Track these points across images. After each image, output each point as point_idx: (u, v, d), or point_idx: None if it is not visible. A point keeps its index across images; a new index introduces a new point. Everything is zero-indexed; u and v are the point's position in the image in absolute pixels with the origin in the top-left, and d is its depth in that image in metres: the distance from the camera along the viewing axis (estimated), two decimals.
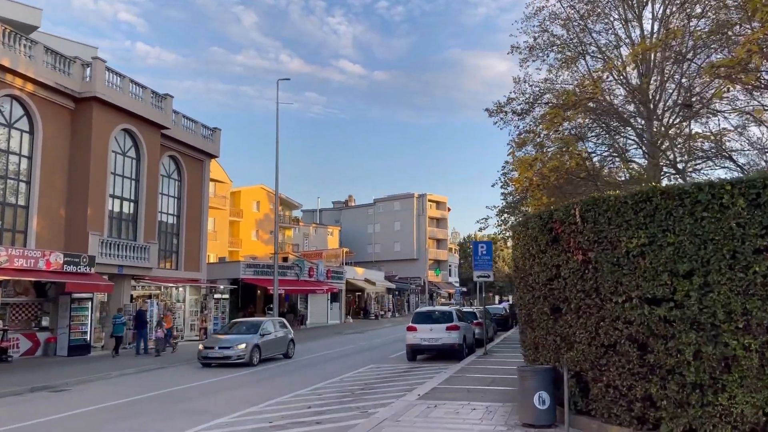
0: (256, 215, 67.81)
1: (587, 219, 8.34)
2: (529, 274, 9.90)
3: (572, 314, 8.64)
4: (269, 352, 21.66)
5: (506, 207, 29.81)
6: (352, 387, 15.24)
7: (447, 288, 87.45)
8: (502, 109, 26.38)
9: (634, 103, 23.29)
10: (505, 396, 12.11)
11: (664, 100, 21.53)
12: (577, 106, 20.22)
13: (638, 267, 7.61)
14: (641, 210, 7.63)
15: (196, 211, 33.68)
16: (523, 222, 10.18)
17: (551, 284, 9.15)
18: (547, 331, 9.32)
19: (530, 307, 9.95)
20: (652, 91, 21.44)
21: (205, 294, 33.00)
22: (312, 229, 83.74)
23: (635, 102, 22.87)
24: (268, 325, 22.33)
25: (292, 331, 24.16)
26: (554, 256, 9.03)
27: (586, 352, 8.38)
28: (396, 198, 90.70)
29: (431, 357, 21.77)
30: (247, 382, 16.68)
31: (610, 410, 8.12)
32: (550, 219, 9.17)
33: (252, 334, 21.16)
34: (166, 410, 12.67)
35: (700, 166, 20.78)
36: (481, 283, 21.77)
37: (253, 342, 20.59)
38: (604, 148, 24.37)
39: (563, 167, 20.27)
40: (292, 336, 23.74)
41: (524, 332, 10.45)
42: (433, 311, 22.10)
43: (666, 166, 20.98)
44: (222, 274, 39.92)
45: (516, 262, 10.78)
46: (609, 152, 24.14)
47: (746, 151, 19.50)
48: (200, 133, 33.74)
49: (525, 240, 10.01)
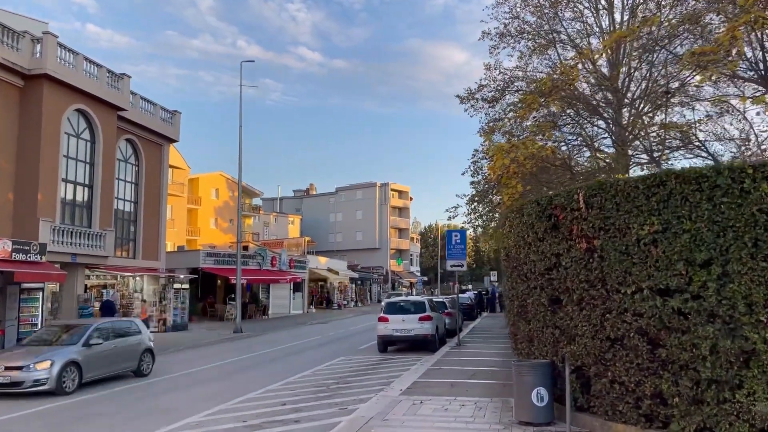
0: (215, 203, 66.15)
1: (592, 205, 7.84)
2: (523, 263, 9.38)
3: (574, 306, 8.14)
4: (100, 371, 14.71)
5: (476, 195, 29.44)
6: (326, 381, 14.56)
7: (409, 277, 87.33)
8: (473, 96, 25.97)
9: (602, 92, 23.18)
10: (490, 390, 11.63)
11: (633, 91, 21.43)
12: (554, 92, 19.91)
13: (650, 256, 7.14)
14: (654, 195, 7.14)
15: (154, 198, 32.28)
16: (517, 208, 9.64)
17: (550, 274, 8.64)
18: (544, 323, 8.82)
19: (524, 298, 9.44)
20: (621, 80, 21.31)
21: (164, 284, 31.70)
22: (272, 217, 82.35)
23: (604, 91, 22.75)
24: (105, 327, 15.56)
25: (151, 336, 17.27)
26: (554, 245, 8.51)
27: (589, 346, 7.90)
28: (358, 187, 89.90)
29: (402, 348, 21.25)
30: (222, 377, 15.83)
31: (615, 407, 7.67)
32: (549, 205, 8.64)
33: (69, 346, 14.25)
34: (130, 409, 11.75)
35: (673, 155, 20.73)
36: (455, 272, 21.30)
37: (66, 358, 13.65)
38: (573, 137, 24.21)
39: (539, 154, 19.90)
40: (151, 344, 16.87)
41: (517, 324, 9.94)
42: (406, 301, 21.56)
43: (641, 154, 20.86)
44: (181, 263, 38.57)
45: (508, 250, 10.25)
46: (579, 142, 23.98)
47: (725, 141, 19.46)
48: (159, 116, 32.28)
49: (520, 227, 9.47)
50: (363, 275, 70.27)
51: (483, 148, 30.67)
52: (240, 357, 20.43)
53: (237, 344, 25.35)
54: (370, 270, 74.80)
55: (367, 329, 31.60)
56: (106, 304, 24.09)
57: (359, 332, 30.31)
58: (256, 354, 21.27)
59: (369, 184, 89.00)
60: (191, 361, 19.63)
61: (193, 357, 20.80)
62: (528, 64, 24.93)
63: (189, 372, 16.97)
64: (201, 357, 20.63)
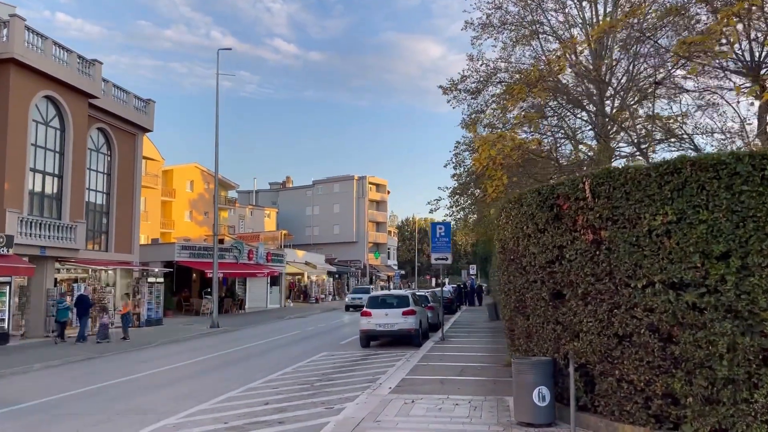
0: (189, 195, 64.91)
1: (599, 194, 7.42)
2: (522, 255, 8.94)
3: (578, 300, 7.73)
4: None
5: (458, 188, 29.08)
6: (309, 378, 14.02)
7: (386, 271, 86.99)
8: (456, 87, 25.60)
9: (585, 84, 23.02)
10: (482, 388, 11.21)
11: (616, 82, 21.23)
12: (541, 82, 19.59)
13: (663, 248, 6.74)
14: (668, 183, 6.74)
15: (127, 189, 31.27)
16: (516, 198, 9.19)
17: (551, 267, 8.21)
18: (545, 318, 8.40)
19: (523, 293, 9.01)
20: (604, 72, 21.10)
21: (138, 278, 30.80)
22: (248, 210, 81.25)
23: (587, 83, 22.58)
24: None
25: None
26: (556, 236, 8.08)
27: (595, 343, 7.50)
28: (336, 180, 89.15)
29: (385, 343, 20.80)
30: (198, 374, 15.17)
31: (622, 407, 7.28)
32: (551, 194, 8.20)
33: None
34: (103, 410, 11.08)
35: (658, 147, 20.56)
36: (439, 265, 20.88)
37: None
38: (556, 129, 23.99)
39: (526, 146, 19.60)
40: None
41: (514, 320, 9.51)
42: (389, 295, 21.09)
43: (624, 147, 20.67)
44: (155, 256, 37.60)
45: (504, 242, 9.80)
46: (561, 135, 23.76)
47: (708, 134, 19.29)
48: (132, 105, 31.24)
49: (518, 218, 9.03)
50: (341, 269, 69.74)
51: (465, 141, 30.39)
52: (218, 353, 19.78)
53: (214, 339, 24.65)
54: (348, 263, 74.29)
55: (347, 323, 31.11)
56: (80, 298, 23.23)
57: (339, 326, 29.79)
58: (234, 350, 20.63)
59: (346, 177, 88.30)
60: (167, 357, 18.93)
61: (169, 353, 20.08)
62: (511, 56, 24.66)
63: (165, 369, 16.29)
64: (177, 353, 19.93)
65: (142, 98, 32.16)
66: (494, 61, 24.58)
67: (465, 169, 30.08)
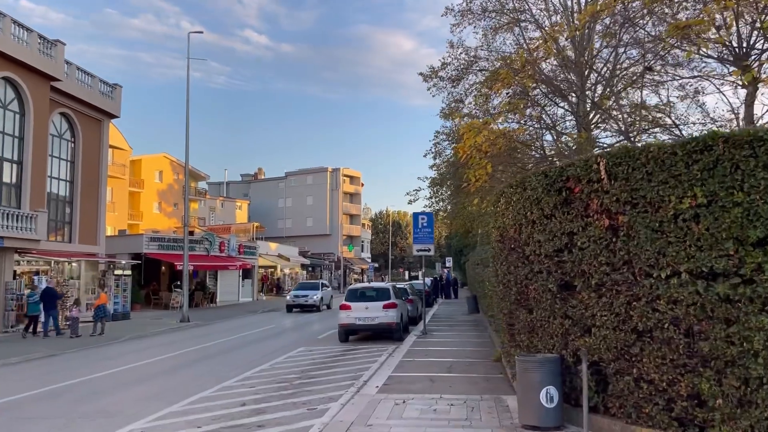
0: (158, 186, 63.16)
1: (616, 175, 6.75)
2: (525, 244, 8.25)
3: (591, 292, 7.07)
4: None
5: (439, 178, 28.48)
6: (288, 376, 13.19)
7: (360, 264, 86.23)
8: (437, 74, 25.03)
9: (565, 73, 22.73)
10: (475, 386, 10.54)
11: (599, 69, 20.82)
12: (528, 67, 19.01)
13: (690, 234, 6.09)
14: (696, 162, 6.09)
15: (93, 178, 29.89)
16: (518, 182, 8.49)
17: (560, 256, 7.54)
18: (551, 312, 7.72)
19: (525, 284, 8.33)
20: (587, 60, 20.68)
21: (104, 270, 29.51)
22: (219, 202, 79.63)
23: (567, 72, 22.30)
24: None
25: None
26: (566, 222, 7.40)
27: (609, 339, 6.84)
28: (309, 172, 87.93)
29: (365, 337, 20.07)
30: (167, 372, 14.20)
31: (640, 409, 6.64)
32: (559, 177, 7.52)
33: None
34: (65, 413, 10.11)
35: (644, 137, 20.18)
36: (422, 257, 20.17)
37: None
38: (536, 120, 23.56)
39: (511, 134, 19.05)
40: None
41: (514, 314, 8.82)
42: (369, 288, 20.35)
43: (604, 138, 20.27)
44: (123, 248, 36.25)
45: (502, 230, 9.10)
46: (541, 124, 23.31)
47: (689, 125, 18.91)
48: (98, 89, 29.84)
49: (521, 204, 8.33)
50: (314, 262, 68.78)
51: (444, 130, 29.78)
52: (188, 348, 18.81)
53: (184, 334, 23.62)
54: (322, 256, 73.35)
55: (324, 317, 30.30)
56: (47, 291, 22.08)
57: (315, 320, 28.94)
58: (206, 345, 19.67)
59: (320, 169, 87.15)
60: (135, 353, 17.91)
61: (137, 349, 19.05)
62: (491, 43, 24.15)
63: (133, 366, 15.30)
64: (145, 349, 18.91)
65: (108, 83, 30.75)
66: (475, 49, 24.10)
67: (444, 159, 29.50)
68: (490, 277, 11.23)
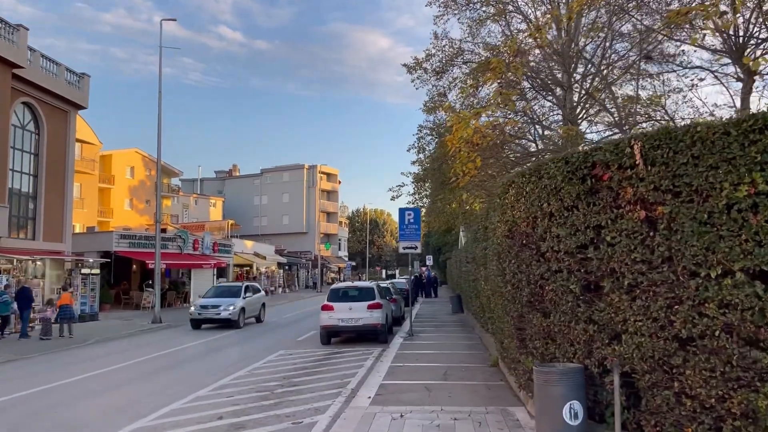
0: (129, 182, 61.28)
1: (654, 159, 5.87)
2: (540, 239, 7.34)
3: (622, 294, 6.19)
4: None
5: (422, 173, 27.59)
6: (268, 383, 12.16)
7: (337, 262, 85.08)
8: (421, 65, 24.23)
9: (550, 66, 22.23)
10: (477, 395, 9.63)
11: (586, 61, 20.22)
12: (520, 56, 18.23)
13: (747, 226, 5.23)
14: (754, 143, 5.23)
15: (58, 172, 28.38)
16: (533, 170, 7.57)
17: (583, 253, 6.64)
18: (573, 316, 6.83)
19: (540, 285, 7.42)
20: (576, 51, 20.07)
21: (71, 269, 28.02)
22: (192, 199, 77.83)
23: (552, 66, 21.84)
24: None
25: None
26: (591, 215, 6.51)
27: (645, 347, 5.96)
28: (285, 169, 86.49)
29: (348, 339, 19.10)
30: (135, 380, 13.03)
31: (681, 428, 5.78)
32: (584, 163, 6.62)
33: None
34: (21, 428, 8.97)
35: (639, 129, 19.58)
36: (409, 254, 19.25)
37: None
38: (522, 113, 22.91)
39: (501, 126, 18.28)
40: None
41: (526, 317, 7.90)
42: (352, 287, 19.36)
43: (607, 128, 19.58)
44: (91, 246, 34.71)
45: (512, 225, 8.19)
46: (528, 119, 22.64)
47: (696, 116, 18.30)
48: (64, 78, 28.31)
49: (535, 194, 7.42)
50: (291, 260, 67.46)
51: (428, 125, 28.92)
52: (160, 352, 17.64)
53: (155, 336, 22.39)
54: (298, 255, 72.04)
55: (302, 317, 29.24)
56: (24, 291, 20.97)
57: (294, 321, 27.85)
58: (179, 348, 18.52)
59: (296, 166, 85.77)
60: (101, 358, 16.69)
61: (104, 353, 17.82)
62: (477, 35, 23.45)
63: (98, 373, 14.11)
64: (113, 353, 17.69)
65: (75, 71, 29.22)
66: (460, 41, 23.42)
67: (428, 154, 28.61)
68: (491, 276, 10.32)
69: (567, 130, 18.56)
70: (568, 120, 20.38)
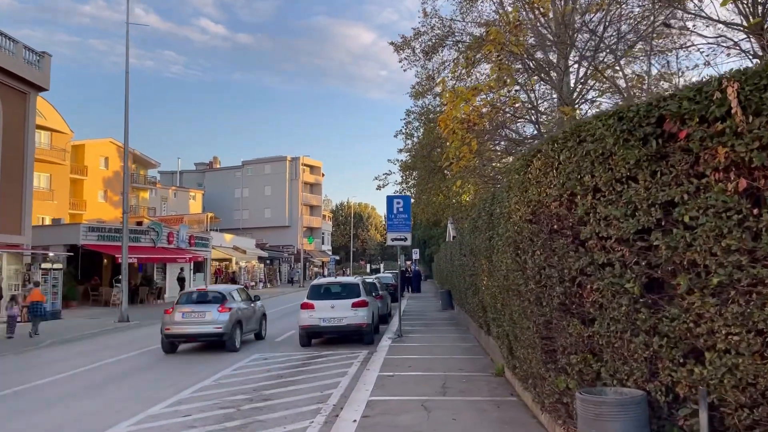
0: (104, 173, 58.80)
1: (760, 107, 4.13)
2: (580, 223, 5.58)
3: (707, 296, 4.45)
4: None
5: (411, 161, 25.87)
6: (235, 397, 10.34)
7: (321, 256, 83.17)
8: (409, 44, 22.53)
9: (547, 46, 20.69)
10: (487, 417, 7.87)
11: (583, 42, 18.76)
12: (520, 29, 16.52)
13: None
14: None
15: (16, 159, 26.17)
16: (569, 132, 5.79)
17: (646, 240, 4.89)
18: (629, 325, 5.08)
19: (579, 282, 5.65)
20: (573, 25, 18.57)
21: (29, 263, 25.92)
22: (171, 192, 75.36)
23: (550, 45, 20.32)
24: None
25: None
26: (658, 187, 4.76)
27: (744, 371, 4.23)
28: (267, 161, 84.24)
29: (330, 340, 17.33)
30: (81, 392, 11.11)
31: None
32: (646, 117, 4.86)
33: None
34: None
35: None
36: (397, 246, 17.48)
37: None
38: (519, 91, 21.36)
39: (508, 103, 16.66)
40: None
41: (556, 325, 6.15)
42: (334, 284, 17.57)
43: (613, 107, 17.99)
44: (57, 239, 32.57)
45: (537, 206, 6.41)
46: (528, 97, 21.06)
47: None
48: (22, 57, 26.09)
49: (573, 164, 5.65)
50: (272, 254, 65.45)
51: (415, 109, 27.17)
52: (120, 356, 15.76)
53: (120, 337, 20.46)
54: (280, 249, 70.02)
55: (282, 314, 27.40)
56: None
57: (273, 318, 25.93)
58: (142, 351, 16.62)
59: (279, 158, 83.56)
60: (51, 364, 14.78)
61: (57, 358, 15.91)
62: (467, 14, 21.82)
63: (42, 384, 12.23)
64: (66, 358, 15.79)
65: (35, 50, 27.00)
66: (450, 20, 21.80)
67: (416, 140, 26.88)
68: (499, 270, 8.56)
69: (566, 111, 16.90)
70: (565, 103, 18.83)
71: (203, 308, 16.00)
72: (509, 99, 17.31)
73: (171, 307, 16.39)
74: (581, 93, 20.04)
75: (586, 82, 20.41)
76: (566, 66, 20.15)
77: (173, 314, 15.86)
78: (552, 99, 21.55)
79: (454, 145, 16.60)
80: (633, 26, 16.50)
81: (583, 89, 20.34)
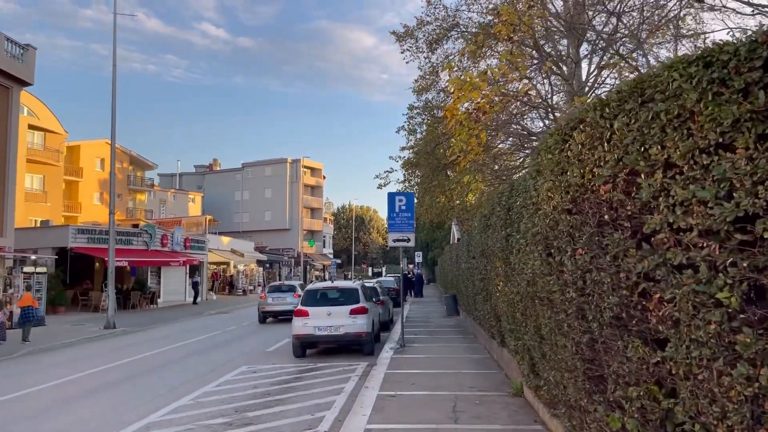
0: (100, 175, 57.58)
1: None
2: (645, 211, 4.17)
3: None
4: None
5: (414, 158, 24.48)
6: (214, 420, 8.95)
7: (322, 260, 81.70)
8: (412, 34, 21.32)
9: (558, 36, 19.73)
10: None
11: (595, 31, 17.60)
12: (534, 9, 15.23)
13: None
14: None
15: None
16: (628, 90, 4.38)
17: (746, 232, 3.47)
18: (720, 351, 3.65)
19: (643, 291, 4.24)
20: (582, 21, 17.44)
21: (12, 267, 24.58)
22: (170, 194, 74.08)
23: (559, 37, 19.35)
24: None
25: None
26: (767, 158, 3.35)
27: None
28: (267, 163, 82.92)
29: (327, 350, 15.94)
30: (35, 413, 9.71)
31: None
32: (749, 60, 3.46)
33: None
34: None
35: None
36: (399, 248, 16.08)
37: None
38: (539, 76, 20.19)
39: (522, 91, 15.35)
40: None
41: (607, 344, 4.73)
42: (331, 289, 16.15)
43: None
44: (44, 241, 31.27)
45: (576, 191, 5.00)
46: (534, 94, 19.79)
47: None
48: (4, 50, 24.79)
49: (634, 133, 4.24)
50: (272, 257, 64.03)
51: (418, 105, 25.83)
52: (99, 368, 14.41)
53: (104, 345, 19.10)
54: (280, 252, 68.58)
55: (277, 320, 25.97)
56: None
57: (267, 325, 24.57)
58: (123, 362, 15.25)
59: (279, 160, 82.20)
60: (20, 376, 13.47)
61: (28, 369, 14.59)
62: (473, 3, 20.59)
63: (13, 397, 10.84)
64: (47, 367, 14.57)
65: (18, 43, 25.71)
66: (456, 10, 20.62)
67: (419, 136, 25.54)
68: (520, 274, 7.15)
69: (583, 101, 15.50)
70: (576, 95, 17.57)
71: (284, 295, 25.35)
72: (521, 88, 15.99)
73: (263, 293, 26.62)
74: (593, 86, 18.87)
75: (599, 73, 19.20)
76: (578, 57, 19.00)
77: (266, 299, 25.70)
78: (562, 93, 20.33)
79: (462, 138, 15.20)
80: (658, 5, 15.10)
81: (596, 82, 19.18)
